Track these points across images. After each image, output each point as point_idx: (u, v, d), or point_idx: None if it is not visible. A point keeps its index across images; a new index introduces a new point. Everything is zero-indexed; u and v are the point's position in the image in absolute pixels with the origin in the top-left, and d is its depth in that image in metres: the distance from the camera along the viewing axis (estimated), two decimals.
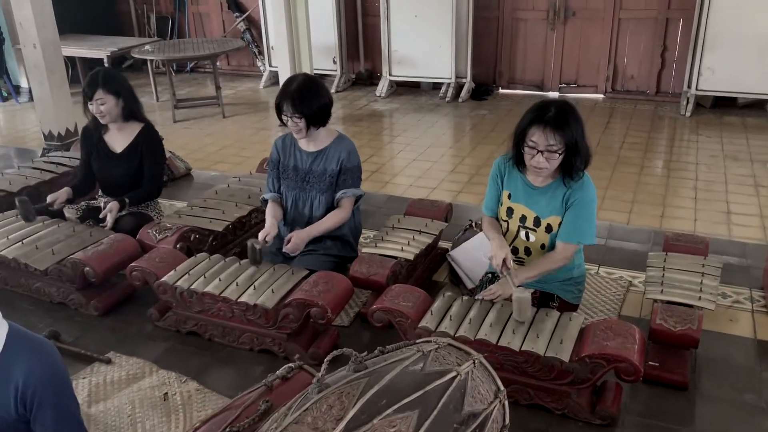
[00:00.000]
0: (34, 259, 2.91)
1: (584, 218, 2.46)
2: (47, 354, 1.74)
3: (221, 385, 2.52)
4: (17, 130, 6.41)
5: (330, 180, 2.99)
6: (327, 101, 2.95)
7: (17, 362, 1.66)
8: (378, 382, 1.54)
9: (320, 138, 3.01)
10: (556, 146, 2.34)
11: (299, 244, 2.90)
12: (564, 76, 6.80)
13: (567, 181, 2.46)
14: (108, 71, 3.40)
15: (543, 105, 2.41)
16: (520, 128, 2.46)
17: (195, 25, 8.31)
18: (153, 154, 3.44)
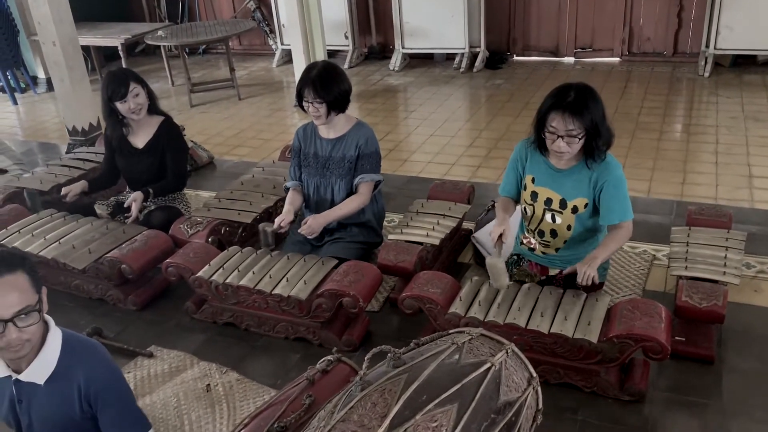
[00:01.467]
0: (72, 259, 3.01)
1: (621, 196, 2.48)
2: (101, 355, 1.87)
3: (260, 374, 2.63)
4: (38, 122, 6.50)
5: (349, 166, 3.04)
6: (347, 87, 2.99)
7: (76, 365, 1.78)
8: (417, 377, 1.61)
9: (339, 125, 3.06)
10: (575, 131, 2.36)
11: (315, 227, 2.97)
12: (579, 40, 6.72)
13: (590, 163, 2.48)
14: (125, 68, 3.44)
15: (562, 89, 2.42)
16: (540, 113, 2.48)
17: (205, 7, 8.28)
18: (175, 147, 3.49)
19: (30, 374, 1.77)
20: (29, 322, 1.64)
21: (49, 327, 1.80)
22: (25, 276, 1.65)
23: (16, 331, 1.63)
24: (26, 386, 1.79)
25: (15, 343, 1.65)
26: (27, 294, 1.64)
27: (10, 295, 1.61)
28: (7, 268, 1.63)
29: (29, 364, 1.76)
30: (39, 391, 1.78)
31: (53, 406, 1.80)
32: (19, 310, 1.61)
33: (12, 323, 1.61)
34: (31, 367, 1.76)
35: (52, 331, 1.79)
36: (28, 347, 1.70)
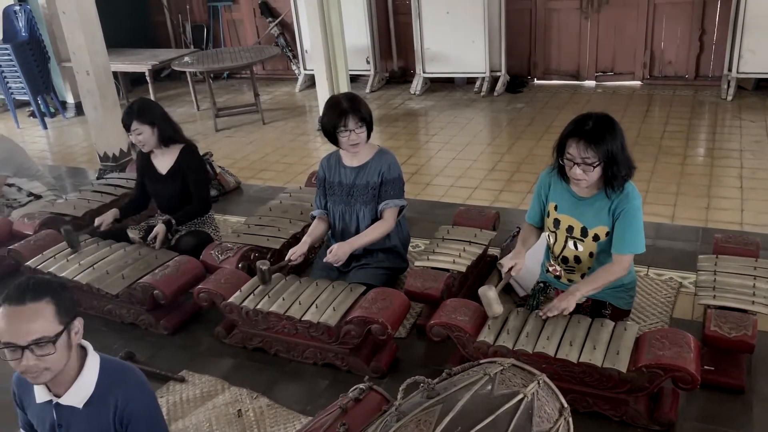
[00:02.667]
0: (106, 284, 3.09)
1: (634, 228, 2.50)
2: (136, 379, 1.92)
3: (290, 400, 2.66)
4: (67, 147, 6.66)
5: (372, 192, 3.10)
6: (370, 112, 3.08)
7: (113, 388, 1.83)
8: (452, 408, 1.64)
9: (363, 153, 3.12)
10: (590, 159, 2.39)
11: (341, 255, 3.02)
12: (600, 64, 6.77)
13: (609, 192, 2.51)
14: (142, 103, 3.53)
15: (582, 118, 2.46)
16: (559, 140, 2.52)
17: (229, 32, 8.47)
18: (194, 173, 3.56)
19: (69, 398, 1.82)
20: (45, 352, 1.67)
21: (88, 352, 1.86)
22: (51, 306, 1.68)
23: (34, 358, 1.66)
24: (66, 410, 1.84)
25: (33, 370, 1.69)
26: (48, 324, 1.67)
27: (30, 324, 1.64)
28: (32, 295, 1.66)
29: (68, 389, 1.82)
30: (78, 415, 1.83)
31: (91, 429, 1.84)
32: (35, 339, 1.64)
33: (29, 350, 1.65)
34: (70, 391, 1.82)
35: (90, 356, 1.85)
36: (48, 375, 1.72)
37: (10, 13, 7.06)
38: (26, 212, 3.99)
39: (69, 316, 1.73)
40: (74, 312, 1.77)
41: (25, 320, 1.65)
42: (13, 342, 1.64)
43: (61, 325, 1.69)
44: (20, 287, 1.70)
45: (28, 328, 1.64)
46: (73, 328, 1.76)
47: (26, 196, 4.25)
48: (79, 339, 1.79)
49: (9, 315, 1.65)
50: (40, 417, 1.91)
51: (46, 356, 1.67)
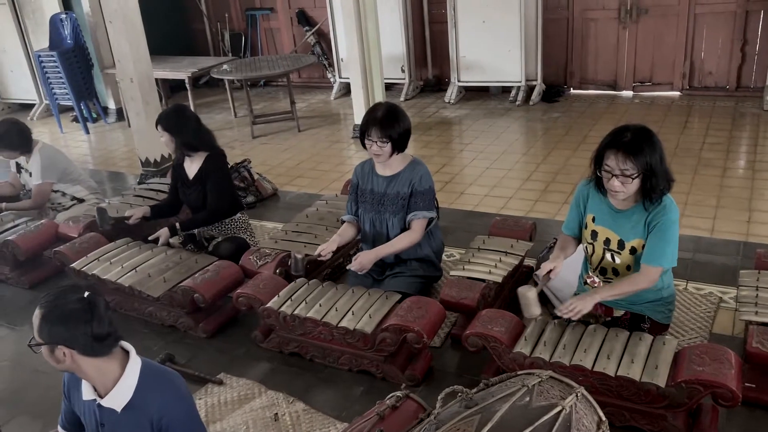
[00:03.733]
0: (147, 287, 3.17)
1: (666, 241, 2.48)
2: (175, 387, 1.95)
3: (325, 406, 2.70)
4: (108, 152, 6.84)
5: (402, 203, 3.13)
6: (408, 127, 3.10)
7: (150, 396, 1.87)
8: (490, 419, 1.65)
9: (396, 163, 3.15)
10: (629, 171, 2.38)
11: (365, 263, 3.06)
12: (638, 74, 6.70)
13: (647, 205, 2.49)
14: (169, 110, 3.68)
15: (620, 130, 2.45)
16: (597, 151, 2.51)
17: (267, 41, 8.60)
18: (213, 182, 3.60)
19: (109, 401, 1.87)
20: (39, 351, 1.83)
21: (130, 356, 1.91)
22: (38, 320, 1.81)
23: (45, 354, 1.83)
24: (107, 411, 1.89)
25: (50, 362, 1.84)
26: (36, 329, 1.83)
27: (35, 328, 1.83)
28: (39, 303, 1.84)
29: (108, 391, 1.87)
30: (117, 418, 1.88)
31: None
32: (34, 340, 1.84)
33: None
34: (110, 394, 1.87)
35: (132, 360, 1.90)
36: (62, 368, 1.86)
37: (56, 21, 7.28)
38: (71, 215, 4.11)
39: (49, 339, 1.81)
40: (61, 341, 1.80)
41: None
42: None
43: (41, 339, 1.83)
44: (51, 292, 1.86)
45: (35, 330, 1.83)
46: (58, 350, 1.81)
47: (70, 200, 4.38)
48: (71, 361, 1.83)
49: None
50: (86, 413, 1.97)
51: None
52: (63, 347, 1.80)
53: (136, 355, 1.93)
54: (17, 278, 3.92)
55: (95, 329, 1.80)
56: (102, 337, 1.82)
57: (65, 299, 1.81)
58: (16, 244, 3.74)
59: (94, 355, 1.83)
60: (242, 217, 3.82)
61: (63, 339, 1.79)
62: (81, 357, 1.82)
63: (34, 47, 7.68)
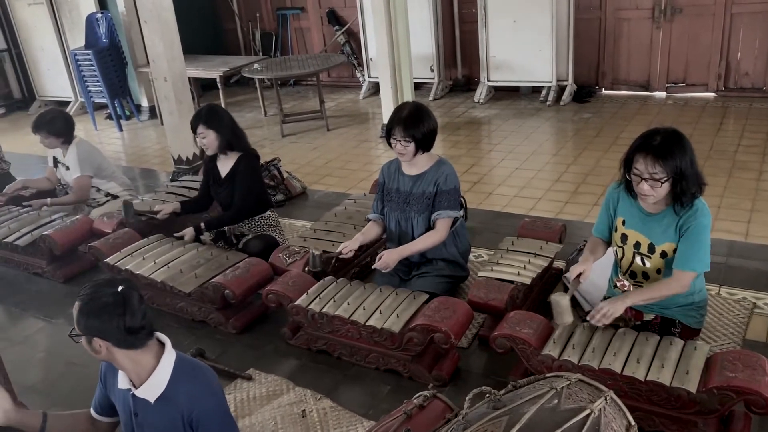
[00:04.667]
0: (179, 282, 3.22)
1: (698, 245, 2.44)
2: (207, 381, 1.98)
3: (352, 403, 2.71)
4: (140, 149, 6.97)
5: (427, 202, 3.13)
6: (434, 127, 3.11)
7: (184, 387, 1.91)
8: (518, 420, 1.65)
9: (422, 162, 3.16)
10: (658, 175, 2.34)
11: (389, 262, 3.07)
12: (671, 75, 6.59)
13: (677, 209, 2.46)
14: (211, 108, 3.67)
15: (650, 133, 2.42)
16: (627, 155, 2.48)
17: (297, 40, 8.67)
18: (243, 182, 3.63)
19: (143, 392, 1.91)
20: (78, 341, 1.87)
21: (165, 349, 1.94)
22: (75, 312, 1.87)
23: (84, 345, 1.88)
24: (141, 402, 1.93)
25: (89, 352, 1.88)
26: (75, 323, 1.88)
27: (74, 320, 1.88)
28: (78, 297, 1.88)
29: (143, 382, 1.91)
30: (150, 408, 1.92)
31: (162, 424, 1.93)
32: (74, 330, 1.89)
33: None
34: (144, 385, 1.91)
35: (167, 353, 1.93)
36: (100, 358, 1.92)
37: (92, 21, 7.44)
38: (105, 212, 4.20)
39: (85, 331, 1.86)
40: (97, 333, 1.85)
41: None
42: None
43: (79, 330, 1.88)
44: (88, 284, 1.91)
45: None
46: (94, 342, 1.86)
47: (104, 195, 4.47)
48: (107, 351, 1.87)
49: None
50: (121, 402, 2.02)
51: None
52: (98, 339, 1.85)
53: (171, 348, 1.96)
54: (53, 272, 4.03)
55: (128, 322, 1.84)
56: (135, 330, 1.86)
57: (100, 292, 1.85)
58: (52, 239, 3.84)
59: (127, 347, 1.87)
60: (272, 215, 3.86)
61: (97, 331, 1.84)
62: (115, 349, 1.86)
63: (71, 46, 7.86)
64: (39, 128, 4.22)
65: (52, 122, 4.22)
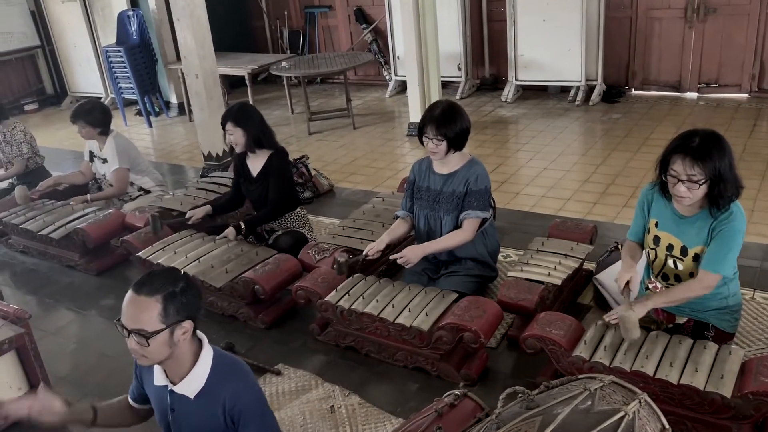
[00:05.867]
0: (210, 277, 3.26)
1: (728, 249, 2.40)
2: (246, 375, 1.99)
3: (380, 400, 2.72)
4: (169, 145, 7.05)
5: (457, 201, 3.12)
6: (466, 126, 3.10)
7: (223, 384, 1.92)
8: (552, 421, 1.64)
9: (453, 161, 3.15)
10: (696, 177, 2.31)
11: (411, 258, 3.07)
12: (703, 75, 6.49)
13: (713, 212, 2.42)
14: (241, 107, 3.71)
15: (688, 134, 2.38)
16: (663, 156, 2.45)
17: (324, 38, 8.70)
18: (276, 180, 3.67)
19: (182, 388, 1.93)
20: (141, 342, 1.78)
21: (203, 346, 1.96)
22: (159, 305, 1.78)
23: (135, 343, 1.80)
24: (179, 398, 1.95)
25: (135, 353, 1.83)
26: (150, 320, 1.77)
27: (136, 314, 1.78)
28: (147, 290, 1.80)
29: (182, 378, 1.92)
30: (189, 404, 1.94)
31: (200, 420, 1.94)
32: (136, 329, 1.78)
33: (132, 335, 1.79)
34: (183, 381, 1.92)
35: (205, 349, 1.95)
36: (146, 362, 1.86)
37: (123, 18, 7.55)
38: (137, 206, 4.27)
39: (177, 317, 1.81)
40: (188, 314, 1.84)
41: (135, 309, 1.79)
42: (123, 323, 1.81)
43: (162, 324, 1.78)
44: (144, 278, 1.85)
45: (135, 317, 1.79)
46: (180, 329, 1.82)
47: (137, 190, 4.54)
48: (185, 339, 1.86)
49: (128, 299, 1.82)
50: (157, 398, 2.04)
51: (142, 345, 1.79)
52: (188, 322, 1.84)
53: (208, 344, 1.98)
54: (85, 265, 4.10)
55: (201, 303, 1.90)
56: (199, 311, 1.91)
57: (178, 278, 1.86)
58: (86, 232, 3.91)
59: (194, 332, 1.90)
60: (301, 211, 3.89)
61: (191, 310, 1.84)
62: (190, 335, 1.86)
63: (102, 43, 7.99)
64: (77, 118, 4.30)
65: (90, 112, 4.30)
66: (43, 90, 9.13)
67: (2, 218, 4.35)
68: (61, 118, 8.37)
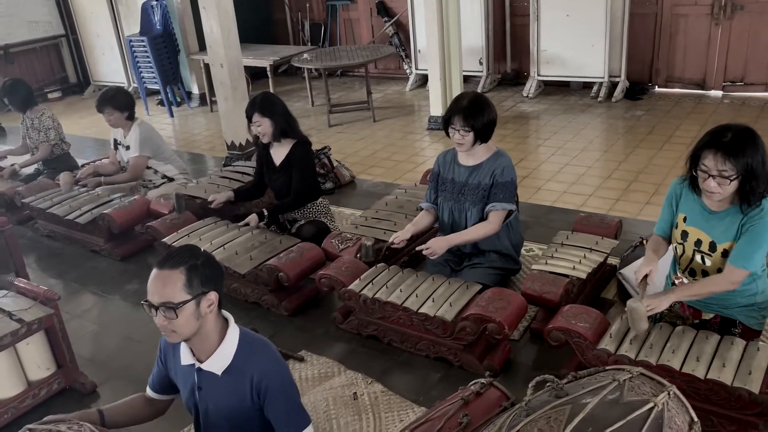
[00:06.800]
0: (235, 264, 3.29)
1: (757, 245, 2.38)
2: (272, 352, 2.02)
3: (402, 389, 2.74)
4: (190, 135, 7.10)
5: (483, 193, 3.12)
6: (493, 118, 3.09)
7: (250, 360, 1.95)
8: (582, 410, 1.65)
9: (479, 153, 3.14)
10: (727, 172, 2.28)
11: (436, 249, 3.07)
12: (729, 73, 6.42)
13: (744, 208, 2.40)
14: (266, 97, 3.71)
15: (720, 129, 2.36)
16: (694, 150, 2.43)
17: (345, 31, 8.71)
18: (299, 170, 3.69)
19: (210, 365, 1.96)
20: (169, 316, 1.81)
21: (229, 324, 1.99)
22: (183, 277, 1.81)
23: (162, 318, 1.83)
24: (206, 375, 1.98)
25: (163, 329, 1.86)
26: (175, 291, 1.80)
27: (162, 288, 1.81)
28: (170, 264, 1.84)
29: (209, 356, 1.95)
30: (216, 381, 1.97)
31: (228, 396, 1.97)
32: (162, 302, 1.80)
33: (159, 310, 1.82)
34: (211, 358, 1.95)
35: (231, 327, 1.98)
36: (176, 338, 1.88)
37: (147, 8, 7.60)
38: (161, 193, 4.31)
39: (202, 288, 1.84)
40: (212, 286, 1.87)
41: (160, 283, 1.83)
42: (149, 300, 1.84)
43: (188, 295, 1.81)
44: (168, 254, 1.90)
45: (160, 291, 1.82)
46: (205, 300, 1.85)
47: (161, 178, 4.58)
48: (211, 311, 1.89)
49: (152, 276, 1.86)
50: (183, 378, 2.07)
51: (171, 319, 1.82)
52: (213, 293, 1.87)
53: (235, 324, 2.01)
54: (110, 250, 4.15)
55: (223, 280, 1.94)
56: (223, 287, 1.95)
57: (198, 252, 1.90)
58: (111, 218, 3.96)
59: (219, 308, 1.93)
60: (323, 201, 3.91)
61: (214, 282, 1.88)
62: (215, 309, 1.90)
63: (125, 33, 8.06)
64: (103, 105, 4.34)
65: (115, 97, 4.34)
66: (66, 78, 9.23)
67: (29, 203, 4.41)
68: (84, 107, 8.46)
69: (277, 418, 1.97)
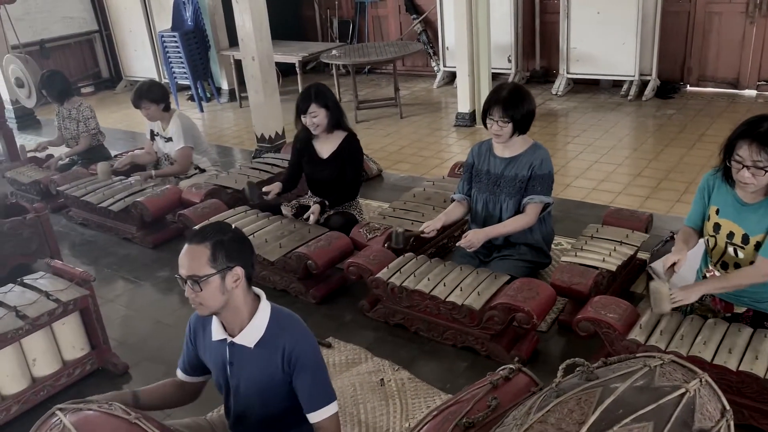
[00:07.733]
0: (265, 251, 3.33)
1: None
2: (302, 326, 2.06)
3: (429, 377, 2.75)
4: (219, 129, 7.20)
5: (519, 185, 3.10)
6: (532, 109, 3.07)
7: (282, 332, 1.99)
8: (612, 393, 1.64)
9: (516, 145, 3.13)
10: (763, 163, 2.26)
11: (474, 241, 3.06)
12: (764, 72, 6.31)
13: None
14: (319, 87, 3.69)
15: (756, 119, 2.34)
16: (729, 141, 2.40)
17: (374, 28, 8.74)
18: (353, 161, 3.74)
19: (242, 338, 2.00)
20: (194, 289, 1.87)
21: (261, 300, 2.04)
22: (208, 251, 1.87)
23: (190, 291, 1.89)
24: (238, 349, 2.02)
25: (192, 301, 1.93)
26: (200, 265, 1.86)
27: (189, 261, 1.88)
28: (197, 239, 1.90)
29: (242, 329, 2.00)
30: (248, 354, 2.01)
31: (259, 368, 2.01)
32: (189, 275, 1.87)
33: (188, 283, 1.89)
34: (243, 332, 1.99)
35: (263, 303, 2.03)
36: (204, 310, 1.94)
37: (179, 4, 7.71)
38: (193, 183, 4.38)
39: (227, 263, 1.89)
40: (238, 262, 1.91)
41: (187, 257, 1.90)
42: (179, 273, 1.91)
43: (212, 269, 1.86)
44: (196, 230, 1.97)
45: (187, 264, 1.89)
46: (231, 275, 1.89)
47: (193, 168, 4.65)
48: (237, 285, 1.92)
49: (183, 250, 1.93)
50: (214, 353, 2.10)
51: (198, 292, 1.88)
52: (239, 268, 1.91)
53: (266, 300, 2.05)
54: (142, 238, 4.23)
55: (253, 257, 1.99)
56: (253, 265, 1.99)
57: (227, 228, 1.96)
58: (144, 206, 4.03)
59: (248, 284, 1.97)
60: None
61: (240, 258, 1.92)
62: (242, 284, 1.94)
63: (157, 28, 8.18)
64: (140, 99, 4.41)
65: (150, 90, 4.42)
66: (99, 74, 9.41)
67: (64, 191, 4.52)
68: (116, 101, 8.62)
69: (303, 389, 1.99)
